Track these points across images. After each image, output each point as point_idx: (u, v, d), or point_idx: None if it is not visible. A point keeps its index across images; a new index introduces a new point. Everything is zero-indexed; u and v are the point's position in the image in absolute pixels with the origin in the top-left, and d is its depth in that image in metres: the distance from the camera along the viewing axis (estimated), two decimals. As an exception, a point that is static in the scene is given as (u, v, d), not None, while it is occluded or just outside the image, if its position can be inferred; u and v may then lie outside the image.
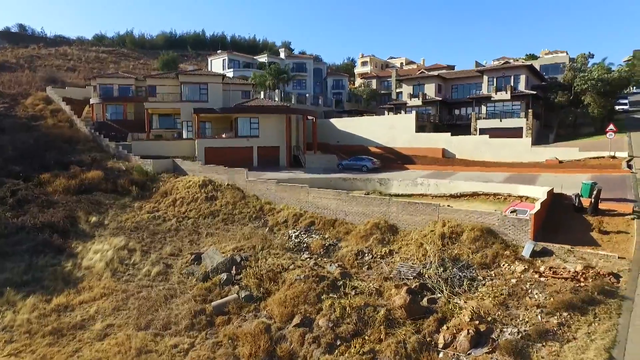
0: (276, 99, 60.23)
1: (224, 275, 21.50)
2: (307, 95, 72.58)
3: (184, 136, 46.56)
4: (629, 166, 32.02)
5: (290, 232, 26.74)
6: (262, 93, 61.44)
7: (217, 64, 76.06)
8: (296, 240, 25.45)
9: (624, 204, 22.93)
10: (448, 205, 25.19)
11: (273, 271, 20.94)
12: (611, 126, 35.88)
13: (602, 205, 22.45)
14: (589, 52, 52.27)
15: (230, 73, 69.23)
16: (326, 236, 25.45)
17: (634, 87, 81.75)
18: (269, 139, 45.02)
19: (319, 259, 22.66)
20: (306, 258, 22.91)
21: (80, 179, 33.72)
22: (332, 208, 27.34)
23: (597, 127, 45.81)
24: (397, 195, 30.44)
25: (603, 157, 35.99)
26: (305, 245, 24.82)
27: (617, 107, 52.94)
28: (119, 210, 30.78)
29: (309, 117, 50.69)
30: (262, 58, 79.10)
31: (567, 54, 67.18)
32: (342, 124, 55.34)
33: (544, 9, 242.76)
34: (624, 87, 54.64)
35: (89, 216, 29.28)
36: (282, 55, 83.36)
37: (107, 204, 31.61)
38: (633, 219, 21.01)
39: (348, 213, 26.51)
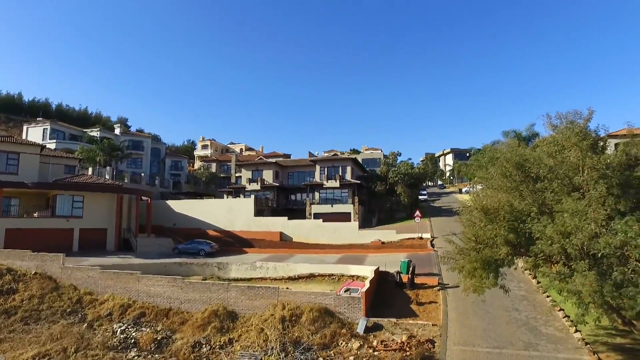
0: (107, 176, 55.13)
1: (18, 392, 17.10)
2: (143, 174, 68.49)
3: (-23, 214, 38.09)
4: (432, 245, 38.52)
5: (115, 326, 23.31)
6: (90, 169, 55.63)
7: (36, 133, 66.74)
8: (122, 336, 22.22)
9: (432, 277, 27.30)
10: (287, 288, 25.82)
11: (89, 377, 17.70)
12: (418, 212, 43.73)
13: (418, 280, 26.35)
14: (397, 151, 63.98)
15: (52, 144, 61.51)
16: (158, 328, 22.98)
17: (429, 182, 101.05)
18: (95, 220, 40.17)
19: (150, 356, 20.15)
20: (134, 356, 20.13)
21: None
22: (166, 296, 25.19)
23: (407, 213, 54.66)
24: (236, 280, 30.04)
25: (414, 238, 42.66)
26: (133, 340, 21.82)
27: (420, 197, 64.35)
28: None
29: (144, 198, 47.58)
30: (94, 132, 72.78)
31: (381, 151, 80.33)
32: (180, 206, 53.38)
33: (363, 112, 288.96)
34: (423, 180, 67.23)
35: None
36: (117, 131, 78.22)
37: None
38: (439, 290, 25.03)
39: (184, 301, 24.71)
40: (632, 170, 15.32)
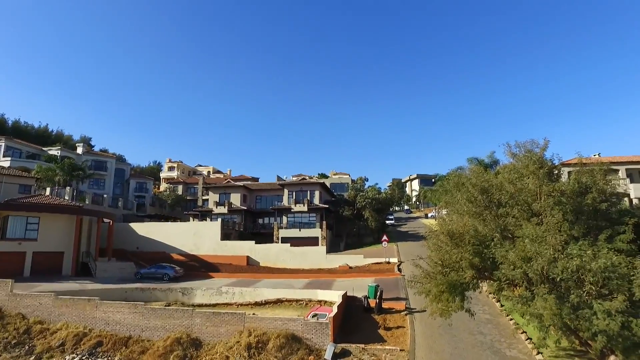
0: (66, 197, 52.83)
1: None
2: (105, 196, 66.03)
3: None
4: (399, 270, 38.75)
5: (67, 357, 22.02)
6: (48, 189, 53.22)
7: (-11, 150, 63.53)
8: (75, 368, 21.03)
9: (399, 302, 27.34)
10: (253, 314, 25.25)
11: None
12: (385, 237, 44.04)
13: (385, 305, 26.30)
14: (365, 177, 64.74)
15: (6, 162, 58.59)
16: (116, 358, 21.89)
17: (396, 207, 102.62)
18: (51, 242, 38.19)
19: (105, 388, 19.06)
20: (87, 389, 18.98)
21: None
22: (126, 323, 24.08)
23: (375, 237, 54.94)
24: (201, 306, 29.18)
25: (381, 262, 42.77)
26: (87, 372, 20.68)
27: (387, 222, 65.02)
28: None
29: (105, 220, 45.86)
30: (54, 150, 69.94)
31: (349, 176, 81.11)
32: (144, 229, 51.66)
33: (331, 138, 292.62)
34: (390, 205, 68.15)
35: None
36: (79, 150, 75.48)
37: None
38: (406, 314, 25.06)
39: (145, 328, 23.69)
40: (583, 198, 16.14)
